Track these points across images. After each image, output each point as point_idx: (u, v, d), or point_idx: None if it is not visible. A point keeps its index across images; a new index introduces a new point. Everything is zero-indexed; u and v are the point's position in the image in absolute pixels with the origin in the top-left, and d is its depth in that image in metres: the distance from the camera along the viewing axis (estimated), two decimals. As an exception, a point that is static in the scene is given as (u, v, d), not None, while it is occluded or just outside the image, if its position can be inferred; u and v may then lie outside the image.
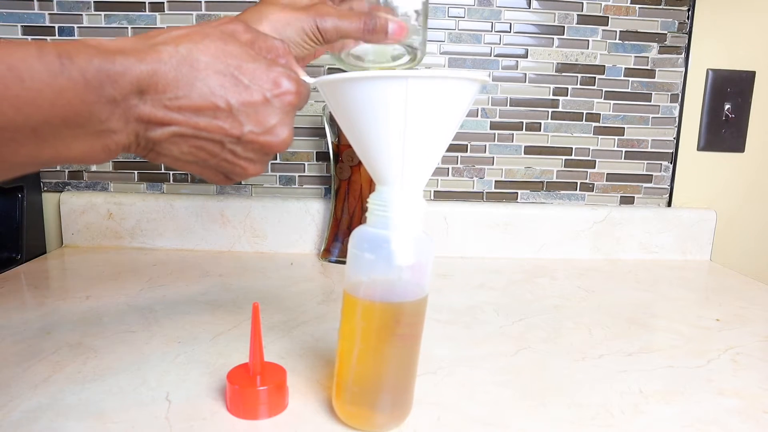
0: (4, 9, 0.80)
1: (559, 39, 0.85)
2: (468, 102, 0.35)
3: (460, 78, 0.34)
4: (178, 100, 0.31)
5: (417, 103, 0.32)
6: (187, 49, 0.31)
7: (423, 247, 0.36)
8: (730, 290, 0.73)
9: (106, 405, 0.40)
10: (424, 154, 0.35)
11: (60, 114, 0.27)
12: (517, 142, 0.87)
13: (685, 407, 0.42)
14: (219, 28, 0.33)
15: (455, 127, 0.36)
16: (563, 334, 0.56)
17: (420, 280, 0.36)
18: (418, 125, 0.33)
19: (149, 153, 0.33)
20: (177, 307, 0.60)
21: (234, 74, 0.32)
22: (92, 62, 0.28)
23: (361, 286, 0.35)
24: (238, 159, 0.34)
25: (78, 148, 0.29)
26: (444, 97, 0.33)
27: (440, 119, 0.34)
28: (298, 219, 0.84)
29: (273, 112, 0.33)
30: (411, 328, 0.37)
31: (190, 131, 0.32)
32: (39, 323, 0.54)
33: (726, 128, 0.88)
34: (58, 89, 0.27)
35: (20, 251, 0.77)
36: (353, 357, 0.36)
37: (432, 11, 0.83)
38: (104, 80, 0.28)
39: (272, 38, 0.36)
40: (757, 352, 0.53)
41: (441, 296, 0.67)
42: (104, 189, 0.86)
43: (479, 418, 0.39)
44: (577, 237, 0.86)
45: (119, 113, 0.29)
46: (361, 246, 0.35)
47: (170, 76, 0.30)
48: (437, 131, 0.34)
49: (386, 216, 0.35)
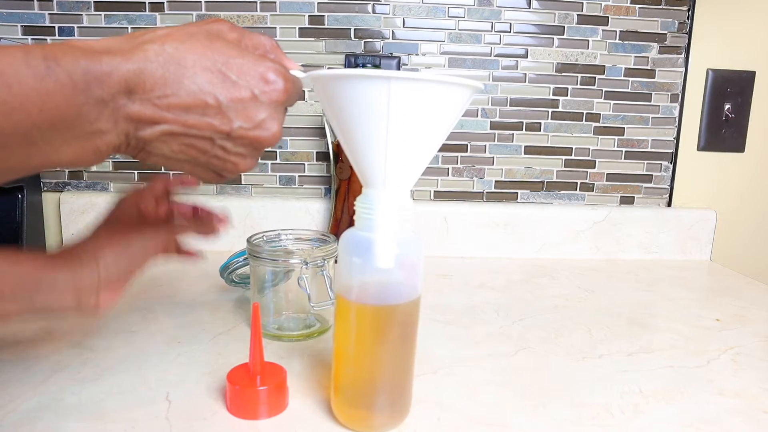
0: (4, 9, 0.80)
1: (559, 39, 0.85)
2: (457, 108, 0.34)
3: (445, 82, 0.32)
4: (167, 98, 0.31)
5: (399, 104, 0.32)
6: (174, 48, 0.31)
7: (412, 247, 0.35)
8: (730, 290, 0.73)
9: (106, 405, 0.40)
10: (408, 157, 0.34)
11: (48, 117, 0.27)
12: (517, 142, 0.87)
13: (685, 407, 0.42)
14: (204, 27, 0.33)
15: (444, 131, 0.35)
16: (563, 334, 0.56)
17: (412, 281, 0.36)
18: (401, 127, 0.32)
19: (140, 153, 0.33)
20: (177, 307, 0.60)
21: (221, 70, 0.32)
22: (79, 63, 0.28)
23: (353, 289, 0.35)
24: (228, 155, 0.34)
25: (68, 152, 0.29)
26: (429, 100, 0.32)
27: (425, 123, 0.33)
28: (298, 219, 0.84)
29: (262, 107, 0.33)
30: (405, 330, 0.36)
31: (179, 129, 0.32)
32: (39, 323, 0.54)
33: (726, 128, 0.88)
34: (46, 93, 0.27)
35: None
36: (349, 359, 0.36)
37: (432, 11, 0.83)
38: (91, 81, 0.28)
39: (258, 35, 0.36)
40: (757, 352, 0.53)
41: (441, 296, 0.67)
42: (104, 189, 0.86)
43: (479, 418, 0.39)
44: (577, 237, 0.86)
45: (108, 113, 0.29)
46: (348, 249, 0.35)
47: (158, 74, 0.30)
48: (422, 135, 0.34)
49: (371, 219, 0.34)
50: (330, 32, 0.83)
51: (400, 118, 0.32)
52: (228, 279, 0.61)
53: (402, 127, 0.32)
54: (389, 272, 0.35)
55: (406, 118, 0.32)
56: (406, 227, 0.35)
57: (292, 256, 0.52)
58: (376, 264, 0.34)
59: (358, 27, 0.83)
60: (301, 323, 0.54)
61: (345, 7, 0.82)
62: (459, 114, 0.35)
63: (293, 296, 0.54)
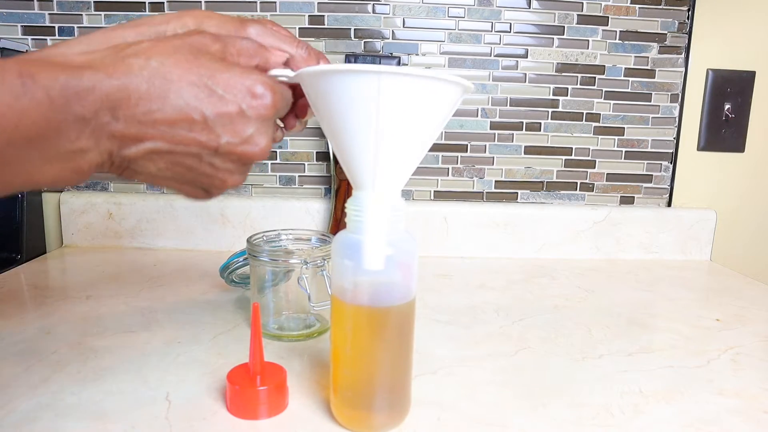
0: (4, 9, 0.80)
1: (559, 39, 0.85)
2: (449, 105, 0.34)
3: (437, 78, 0.32)
4: (152, 114, 0.30)
5: (390, 100, 0.31)
6: (159, 62, 0.30)
7: (406, 248, 0.35)
8: (730, 290, 0.73)
9: (106, 405, 0.40)
10: (398, 156, 0.33)
11: (25, 135, 0.26)
12: (517, 142, 0.87)
13: (685, 407, 0.42)
14: (186, 41, 0.32)
15: (434, 131, 0.34)
16: (563, 334, 0.56)
17: (405, 282, 0.36)
18: (391, 125, 0.32)
19: (124, 171, 0.32)
20: (177, 307, 0.60)
21: (208, 85, 0.31)
22: (57, 80, 0.27)
23: (347, 291, 0.35)
24: (216, 171, 0.34)
25: (49, 171, 0.28)
26: (420, 97, 0.32)
27: (416, 121, 0.33)
28: (298, 219, 0.84)
29: (249, 122, 0.32)
30: (400, 330, 0.36)
31: (165, 146, 0.31)
32: (39, 323, 0.54)
33: (726, 128, 0.88)
34: (21, 111, 0.26)
35: (20, 251, 0.77)
36: (346, 361, 0.36)
37: (432, 11, 0.83)
38: (71, 97, 0.27)
39: (240, 39, 0.34)
40: (757, 352, 0.53)
41: (441, 296, 0.67)
42: (104, 189, 0.86)
43: (479, 418, 0.39)
44: (577, 237, 0.86)
45: (89, 131, 0.28)
46: (339, 252, 0.35)
47: (142, 90, 0.29)
48: (412, 133, 0.33)
49: (360, 221, 0.34)
50: (330, 32, 0.83)
51: (391, 114, 0.31)
52: (228, 279, 0.61)
53: (392, 124, 0.32)
54: (382, 273, 0.35)
55: (396, 115, 0.32)
56: (398, 228, 0.35)
57: (292, 256, 0.52)
58: (365, 266, 0.34)
59: (358, 27, 0.83)
60: (301, 323, 0.54)
61: (345, 7, 0.82)
62: (449, 114, 0.34)
63: (293, 296, 0.54)
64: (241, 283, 0.62)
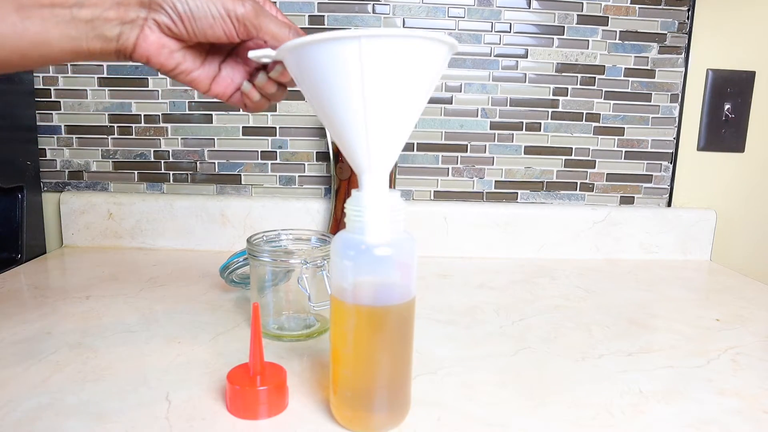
0: None
1: (559, 39, 0.85)
2: (435, 65, 0.33)
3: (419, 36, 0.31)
4: None
5: (373, 65, 0.30)
6: None
7: (406, 248, 0.35)
8: (730, 290, 0.73)
9: (106, 405, 0.40)
10: (389, 123, 0.33)
11: None
12: (517, 142, 0.87)
13: (685, 407, 0.42)
14: None
15: (423, 95, 0.33)
16: (563, 334, 0.56)
17: (405, 281, 0.36)
18: (377, 90, 0.31)
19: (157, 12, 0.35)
20: (177, 307, 0.60)
21: None
22: None
23: (346, 291, 0.35)
24: None
25: None
26: (404, 58, 0.31)
27: (403, 83, 0.32)
28: (298, 219, 0.84)
29: None
30: (400, 330, 0.36)
31: None
32: (39, 323, 0.54)
33: (726, 128, 0.88)
34: None
35: (20, 251, 0.77)
36: (345, 361, 0.36)
37: (432, 11, 0.83)
38: None
39: None
40: (757, 352, 0.53)
41: (441, 296, 0.67)
42: (104, 189, 0.86)
43: (479, 418, 0.39)
44: (577, 237, 0.86)
45: None
46: (339, 252, 0.35)
47: None
48: (401, 97, 0.32)
49: (361, 219, 0.34)
50: (330, 32, 0.83)
51: (376, 80, 0.31)
52: (228, 279, 0.61)
53: (379, 90, 0.31)
54: (382, 273, 0.35)
55: (381, 80, 0.31)
56: (398, 228, 0.35)
57: (292, 256, 0.52)
58: (367, 240, 0.33)
59: (358, 27, 0.83)
60: (301, 323, 0.54)
61: (345, 7, 0.82)
62: (437, 75, 0.34)
63: (293, 296, 0.54)
64: (241, 283, 0.62)
